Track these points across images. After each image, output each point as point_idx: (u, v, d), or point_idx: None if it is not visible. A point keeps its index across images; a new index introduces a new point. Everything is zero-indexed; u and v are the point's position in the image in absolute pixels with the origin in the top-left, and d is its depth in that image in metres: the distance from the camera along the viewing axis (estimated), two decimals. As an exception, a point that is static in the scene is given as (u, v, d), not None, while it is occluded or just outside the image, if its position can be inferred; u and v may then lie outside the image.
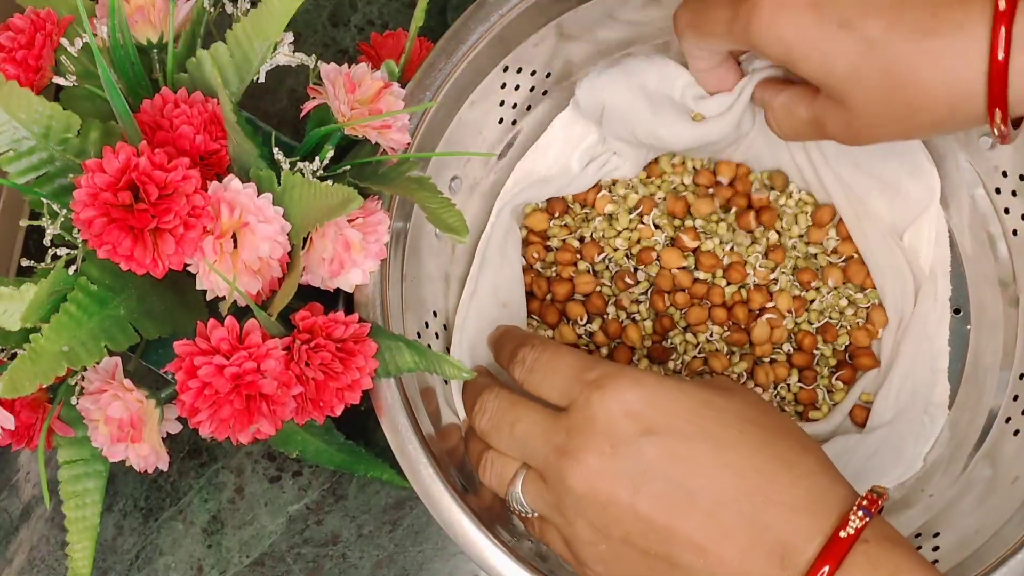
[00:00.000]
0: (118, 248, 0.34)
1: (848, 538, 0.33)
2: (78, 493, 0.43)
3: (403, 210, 0.44)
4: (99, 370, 0.39)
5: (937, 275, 0.50)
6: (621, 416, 0.36)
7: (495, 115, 0.50)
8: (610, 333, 0.51)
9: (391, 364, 0.40)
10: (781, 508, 0.34)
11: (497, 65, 0.47)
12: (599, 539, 0.36)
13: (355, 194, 0.35)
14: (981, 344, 0.50)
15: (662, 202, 0.52)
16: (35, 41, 0.38)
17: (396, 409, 0.41)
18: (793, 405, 0.51)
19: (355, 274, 0.39)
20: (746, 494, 0.35)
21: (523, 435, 0.39)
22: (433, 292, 0.49)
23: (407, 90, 0.44)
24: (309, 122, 0.41)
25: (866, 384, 0.50)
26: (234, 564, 0.53)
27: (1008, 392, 0.48)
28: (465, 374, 0.40)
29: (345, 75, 0.38)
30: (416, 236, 0.46)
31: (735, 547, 0.34)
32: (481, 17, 0.45)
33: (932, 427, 0.49)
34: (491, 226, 0.50)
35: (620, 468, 0.36)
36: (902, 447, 0.48)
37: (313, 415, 0.38)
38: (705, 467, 0.35)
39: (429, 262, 0.48)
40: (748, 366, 0.50)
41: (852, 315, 0.51)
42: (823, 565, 0.33)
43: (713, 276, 0.51)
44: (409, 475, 0.41)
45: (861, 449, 0.48)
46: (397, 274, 0.44)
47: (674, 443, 0.36)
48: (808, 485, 0.35)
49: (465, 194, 0.50)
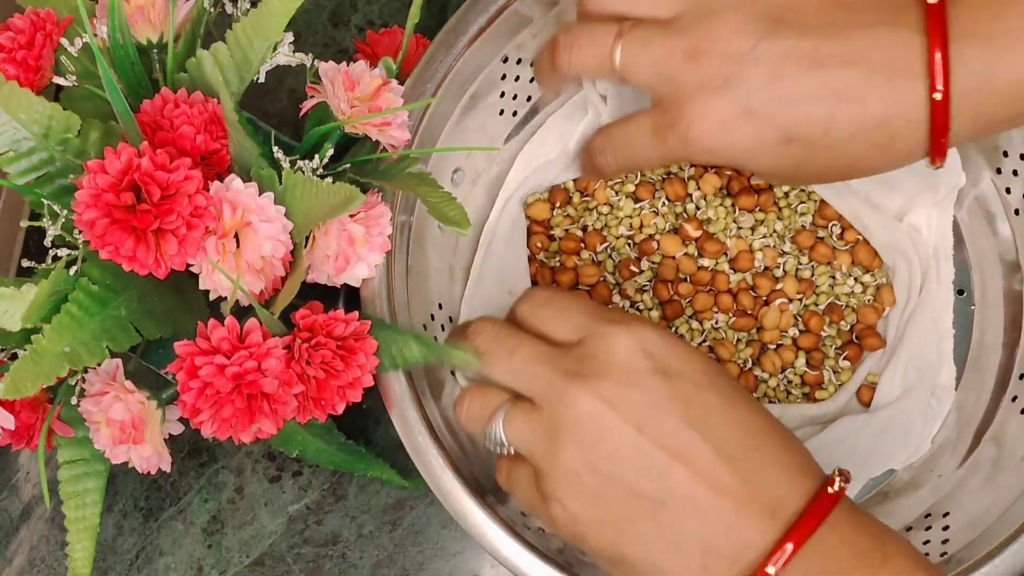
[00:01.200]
0: (121, 249, 0.34)
1: (834, 495, 0.35)
2: (78, 493, 0.43)
3: (407, 203, 0.44)
4: (100, 372, 0.39)
5: (940, 257, 0.50)
6: (639, 352, 0.37)
7: (497, 107, 0.50)
8: None
9: (398, 357, 0.40)
10: (780, 467, 0.36)
11: (496, 56, 0.47)
12: (586, 470, 0.36)
13: (357, 192, 0.35)
14: (985, 324, 0.50)
15: (660, 191, 0.52)
16: (35, 41, 0.38)
17: (405, 401, 0.41)
18: (800, 387, 0.51)
19: (361, 268, 0.39)
20: (752, 449, 0.36)
21: (524, 359, 0.38)
22: (438, 284, 0.49)
23: (406, 86, 0.44)
24: (308, 121, 0.41)
25: (872, 364, 0.51)
26: (234, 564, 0.53)
27: (1015, 371, 0.48)
28: (473, 363, 0.40)
29: (344, 73, 0.38)
30: (420, 229, 0.46)
31: (732, 497, 0.35)
32: (480, 9, 0.45)
33: (939, 409, 0.49)
34: (497, 216, 0.50)
35: (631, 399, 0.36)
36: (909, 428, 0.49)
37: (315, 414, 0.38)
38: (714, 416, 0.36)
39: (433, 254, 0.48)
40: (754, 352, 0.51)
41: (860, 293, 0.51)
42: (813, 516, 0.34)
43: (716, 262, 0.51)
44: (419, 465, 0.41)
45: (868, 430, 0.48)
46: (402, 267, 0.44)
47: (687, 387, 0.37)
48: (800, 451, 0.37)
49: (468, 186, 0.50)
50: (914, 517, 0.46)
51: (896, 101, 0.37)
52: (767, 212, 0.52)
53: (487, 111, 0.49)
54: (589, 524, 0.36)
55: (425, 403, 0.42)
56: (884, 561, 0.34)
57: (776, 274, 0.51)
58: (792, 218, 0.52)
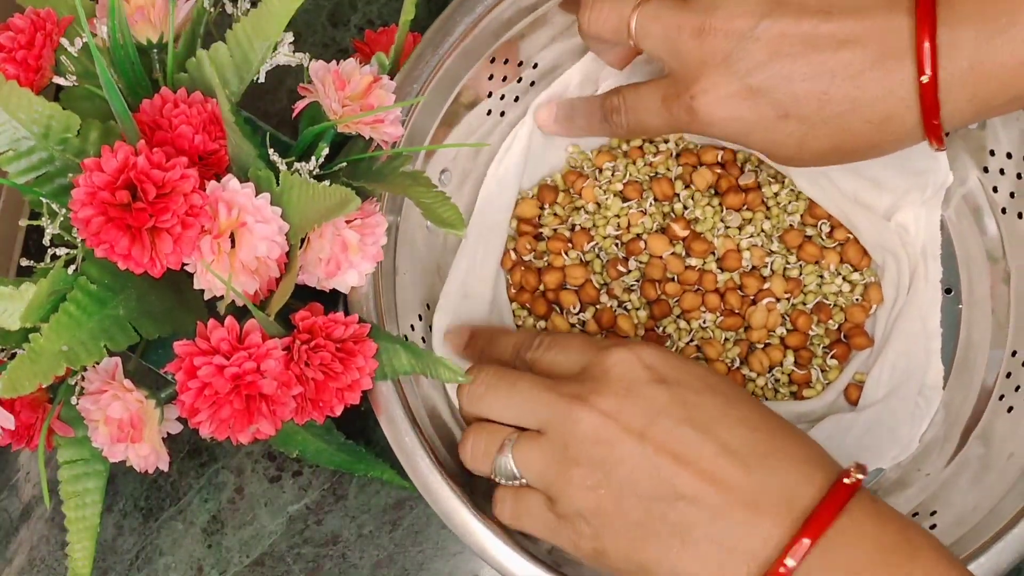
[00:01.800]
0: (115, 247, 0.34)
1: (850, 486, 0.35)
2: (78, 493, 0.43)
3: (394, 203, 0.44)
4: (99, 370, 0.39)
5: (928, 256, 0.50)
6: (637, 364, 0.38)
7: (484, 107, 0.50)
8: (603, 322, 0.51)
9: (387, 367, 0.40)
10: (790, 461, 0.36)
11: (483, 56, 0.47)
12: (600, 483, 0.36)
13: (353, 195, 0.35)
14: (973, 323, 0.50)
15: (648, 191, 0.52)
16: (35, 41, 0.38)
17: (392, 403, 0.41)
18: (788, 386, 0.51)
19: (351, 275, 0.39)
20: (758, 444, 0.36)
21: (526, 390, 0.39)
22: (426, 284, 0.49)
23: (396, 82, 0.44)
24: (302, 121, 0.41)
25: (860, 363, 0.51)
26: (234, 564, 0.53)
27: (1002, 370, 0.48)
28: (460, 377, 0.40)
29: (334, 72, 0.38)
30: (408, 229, 0.46)
31: (741, 493, 0.35)
32: (467, 9, 0.45)
33: (927, 408, 0.49)
34: (475, 216, 0.51)
35: (632, 409, 0.37)
36: (896, 428, 0.49)
37: (313, 415, 0.38)
38: (716, 417, 0.37)
39: (421, 254, 0.48)
40: (742, 351, 0.51)
41: (848, 292, 0.51)
42: (828, 508, 0.34)
43: (704, 262, 0.51)
44: (407, 467, 0.41)
45: (855, 428, 0.48)
46: (389, 266, 0.45)
47: (686, 393, 0.37)
48: (811, 445, 0.38)
49: (455, 186, 0.50)
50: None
51: (889, 81, 0.38)
52: (755, 211, 0.52)
53: (475, 110, 0.49)
54: (608, 537, 0.37)
55: (413, 406, 0.42)
56: (912, 557, 0.34)
57: (764, 273, 0.51)
58: (780, 217, 0.52)
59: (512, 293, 0.52)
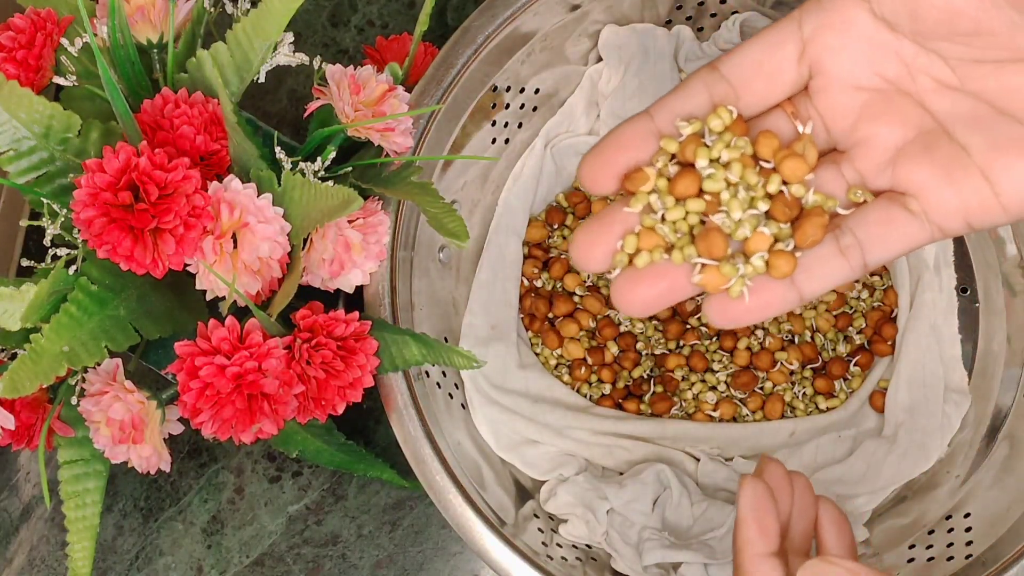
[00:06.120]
0: (118, 248, 0.34)
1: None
2: (78, 493, 0.43)
3: (407, 238, 0.45)
4: (100, 371, 0.39)
5: (941, 265, 0.50)
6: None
7: (488, 134, 0.50)
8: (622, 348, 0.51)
9: (398, 358, 0.40)
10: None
11: (486, 85, 0.47)
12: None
13: (355, 195, 0.35)
14: (991, 324, 0.50)
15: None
16: (35, 41, 0.38)
17: (406, 404, 0.42)
18: (811, 398, 0.51)
19: (355, 275, 0.39)
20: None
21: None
22: (441, 315, 0.49)
23: (412, 95, 0.44)
24: (312, 122, 0.41)
25: (883, 371, 0.51)
26: (234, 564, 0.53)
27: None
28: (475, 364, 0.40)
29: (350, 76, 0.38)
30: (422, 263, 0.47)
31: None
32: (468, 40, 0.45)
33: (956, 414, 0.49)
34: (487, 245, 0.51)
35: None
36: (927, 443, 0.49)
37: (315, 414, 0.38)
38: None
39: (436, 286, 0.49)
40: (767, 362, 0.51)
41: (868, 298, 0.52)
42: None
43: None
44: (411, 458, 0.41)
45: (890, 457, 0.48)
46: (407, 300, 0.45)
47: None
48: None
49: (465, 215, 0.51)
50: (936, 518, 0.46)
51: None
52: None
53: (480, 137, 0.49)
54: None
55: (424, 409, 0.42)
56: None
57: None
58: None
59: (526, 321, 0.52)
